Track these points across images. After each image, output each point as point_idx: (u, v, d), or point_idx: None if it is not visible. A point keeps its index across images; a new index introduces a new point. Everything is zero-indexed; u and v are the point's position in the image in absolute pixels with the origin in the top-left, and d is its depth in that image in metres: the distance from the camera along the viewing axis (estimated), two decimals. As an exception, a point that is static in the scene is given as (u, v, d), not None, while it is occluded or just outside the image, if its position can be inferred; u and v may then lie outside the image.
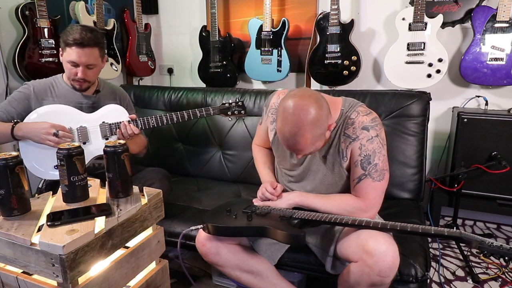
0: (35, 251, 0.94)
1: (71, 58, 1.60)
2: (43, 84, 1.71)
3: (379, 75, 2.52)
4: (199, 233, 1.41)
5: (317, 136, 1.20)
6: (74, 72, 1.63)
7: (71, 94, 1.71)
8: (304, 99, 1.18)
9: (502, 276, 1.84)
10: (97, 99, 1.76)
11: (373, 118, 1.30)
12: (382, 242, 1.13)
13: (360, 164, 1.28)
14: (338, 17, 2.30)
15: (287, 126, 1.19)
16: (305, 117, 1.16)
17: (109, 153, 1.15)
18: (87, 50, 1.59)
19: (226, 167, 2.21)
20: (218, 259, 1.39)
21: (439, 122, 2.44)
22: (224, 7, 2.82)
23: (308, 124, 1.16)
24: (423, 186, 1.84)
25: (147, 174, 1.78)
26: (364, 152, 1.27)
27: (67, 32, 1.59)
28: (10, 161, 1.01)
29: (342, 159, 1.34)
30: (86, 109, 1.72)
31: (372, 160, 1.27)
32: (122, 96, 1.90)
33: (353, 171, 1.31)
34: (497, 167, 2.02)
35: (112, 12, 2.74)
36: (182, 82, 3.10)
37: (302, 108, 1.17)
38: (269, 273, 1.43)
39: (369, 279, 1.14)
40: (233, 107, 1.82)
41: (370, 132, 1.27)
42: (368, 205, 1.28)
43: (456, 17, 2.22)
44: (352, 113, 1.31)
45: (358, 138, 1.28)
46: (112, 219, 1.05)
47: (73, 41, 1.57)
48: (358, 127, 1.28)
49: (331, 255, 1.30)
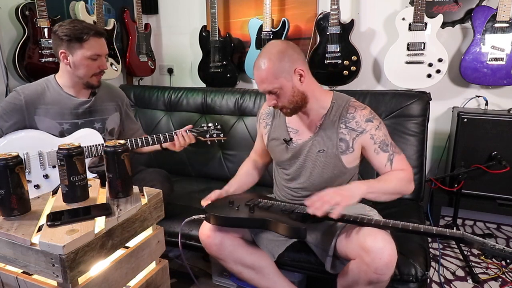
0: (35, 251, 0.94)
1: (94, 51, 1.52)
2: (34, 91, 1.58)
3: (379, 75, 2.52)
4: (203, 225, 1.42)
5: (280, 68, 1.29)
6: (95, 66, 1.55)
7: (65, 100, 1.61)
8: (276, 41, 1.40)
9: (502, 276, 1.84)
10: (93, 103, 1.67)
11: (370, 111, 1.40)
12: (380, 240, 1.14)
13: (381, 150, 1.35)
14: (338, 17, 2.30)
15: (257, 57, 1.33)
16: (272, 48, 1.33)
17: (109, 153, 1.15)
18: (103, 40, 1.57)
19: (226, 167, 2.21)
20: (221, 252, 1.40)
21: (439, 122, 2.44)
22: (224, 7, 2.82)
23: (273, 53, 1.30)
24: (423, 186, 1.84)
25: (147, 175, 1.76)
26: (378, 140, 1.35)
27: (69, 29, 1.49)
28: (10, 161, 1.01)
29: (347, 150, 1.37)
30: (82, 114, 1.65)
31: (387, 142, 1.36)
32: (120, 97, 1.83)
33: (378, 159, 1.35)
34: (497, 167, 2.02)
35: (112, 12, 2.74)
36: (182, 82, 3.10)
37: (272, 43, 1.38)
38: (270, 269, 1.43)
39: (367, 277, 1.15)
40: (211, 130, 1.79)
41: (374, 122, 1.36)
42: (411, 175, 1.35)
43: (456, 17, 2.22)
44: (349, 107, 1.38)
45: (365, 131, 1.35)
46: (112, 219, 1.05)
47: (92, 33, 1.50)
48: (361, 120, 1.36)
49: (330, 254, 1.31)
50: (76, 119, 1.64)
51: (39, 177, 1.55)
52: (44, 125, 1.59)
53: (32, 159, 1.55)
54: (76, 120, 1.64)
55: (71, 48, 1.52)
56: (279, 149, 1.48)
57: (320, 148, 1.39)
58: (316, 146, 1.40)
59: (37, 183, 1.54)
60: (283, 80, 1.30)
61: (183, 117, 2.34)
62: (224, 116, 2.24)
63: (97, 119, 1.70)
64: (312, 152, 1.41)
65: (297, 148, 1.44)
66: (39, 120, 1.59)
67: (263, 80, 1.30)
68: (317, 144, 1.40)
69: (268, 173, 1.74)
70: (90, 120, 1.69)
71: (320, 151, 1.39)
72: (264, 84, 1.31)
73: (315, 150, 1.40)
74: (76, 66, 1.54)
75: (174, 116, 2.37)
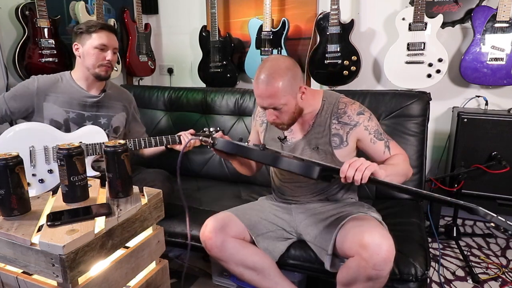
0: (35, 251, 0.94)
1: (101, 41, 1.61)
2: (48, 80, 1.69)
3: (379, 75, 2.52)
4: (205, 227, 1.41)
5: (289, 86, 1.28)
6: (102, 56, 1.63)
7: (75, 92, 1.69)
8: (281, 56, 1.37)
9: (502, 276, 1.84)
10: (102, 98, 1.74)
11: (359, 105, 1.44)
12: (377, 236, 1.15)
13: (376, 139, 1.39)
14: (338, 17, 2.30)
15: (262, 71, 1.29)
16: (281, 63, 1.30)
17: (109, 153, 1.15)
18: (113, 36, 1.66)
19: (226, 167, 2.21)
20: (222, 253, 1.40)
21: (439, 122, 2.44)
22: (224, 7, 2.82)
23: (283, 69, 1.28)
24: (423, 186, 1.84)
25: (148, 175, 1.77)
26: (372, 129, 1.40)
27: (84, 24, 1.63)
28: (10, 161, 1.01)
29: (341, 144, 1.40)
30: (89, 107, 1.71)
31: (380, 131, 1.41)
32: (128, 99, 1.90)
33: (375, 148, 1.40)
34: (497, 167, 2.02)
35: (112, 12, 2.74)
36: (182, 82, 3.10)
37: (278, 58, 1.35)
38: (271, 271, 1.43)
39: (366, 273, 1.16)
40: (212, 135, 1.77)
41: (365, 114, 1.41)
42: (407, 156, 1.42)
43: (456, 17, 2.22)
44: (339, 104, 1.43)
45: (359, 123, 1.39)
46: (112, 219, 1.05)
47: (100, 26, 1.61)
48: (353, 114, 1.40)
49: (329, 253, 1.31)
50: (83, 111, 1.71)
51: (44, 172, 1.57)
52: (50, 112, 1.66)
53: (38, 153, 1.57)
54: (82, 111, 1.71)
55: (82, 40, 1.63)
56: (275, 147, 1.49)
57: (314, 146, 1.43)
58: (309, 144, 1.43)
59: (41, 177, 1.57)
60: (290, 97, 1.31)
61: (183, 117, 2.34)
62: (224, 116, 2.24)
63: (103, 115, 1.76)
64: (306, 150, 1.44)
65: (291, 147, 1.47)
66: (47, 107, 1.66)
67: (271, 96, 1.28)
68: (310, 142, 1.43)
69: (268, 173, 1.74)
70: (96, 114, 1.74)
71: (314, 149, 1.43)
72: (269, 99, 1.29)
73: (309, 148, 1.43)
74: (85, 56, 1.64)
75: (174, 116, 2.37)
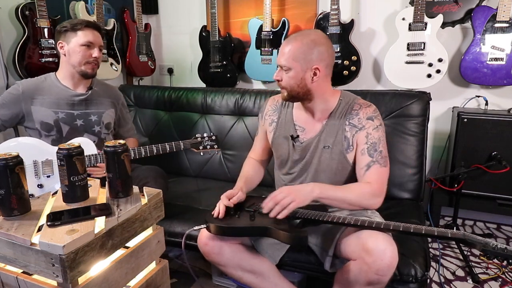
0: (35, 251, 0.94)
1: (86, 39, 1.61)
2: (33, 83, 1.68)
3: (379, 75, 2.52)
4: (201, 233, 1.41)
5: (302, 54, 1.31)
6: (88, 54, 1.63)
7: (61, 92, 1.69)
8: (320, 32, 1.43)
9: (502, 276, 1.84)
10: (89, 96, 1.74)
11: (374, 109, 1.40)
12: (381, 241, 1.13)
13: (367, 151, 1.34)
14: (338, 17, 2.30)
15: (296, 32, 1.38)
16: (312, 34, 1.34)
17: (109, 153, 1.15)
18: (98, 33, 1.66)
19: (226, 167, 2.21)
20: (220, 258, 1.39)
21: (439, 122, 2.44)
22: (224, 7, 2.82)
23: (308, 39, 1.32)
24: (423, 186, 1.84)
25: (141, 173, 1.74)
26: (371, 140, 1.34)
27: (69, 22, 1.62)
28: (10, 161, 1.01)
29: (348, 148, 1.38)
30: (78, 105, 1.71)
31: (377, 147, 1.34)
32: (116, 95, 1.90)
33: (360, 160, 1.36)
34: (497, 167, 2.02)
35: (112, 12, 2.73)
36: (182, 82, 3.10)
37: (316, 31, 1.43)
38: (270, 273, 1.43)
39: (367, 277, 1.15)
40: (205, 141, 1.80)
41: (375, 121, 1.37)
42: (380, 190, 1.31)
43: (456, 17, 2.22)
44: (354, 105, 1.40)
45: (364, 128, 1.36)
46: (112, 219, 1.04)
47: (85, 24, 1.62)
48: (363, 117, 1.37)
49: (330, 254, 1.31)
50: (72, 110, 1.70)
51: (33, 187, 1.53)
52: (40, 114, 1.65)
53: (28, 168, 1.51)
54: (71, 110, 1.70)
55: (67, 38, 1.63)
56: (285, 146, 1.49)
57: (326, 145, 1.41)
58: (321, 142, 1.41)
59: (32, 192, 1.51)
60: (298, 66, 1.32)
61: (183, 117, 2.34)
62: (224, 116, 2.24)
63: (93, 112, 1.75)
64: (318, 149, 1.42)
65: (303, 146, 1.45)
66: (35, 110, 1.65)
67: (283, 54, 1.33)
68: (322, 141, 1.41)
69: (268, 173, 1.74)
70: (86, 112, 1.74)
71: (325, 147, 1.41)
72: (282, 57, 1.34)
73: (321, 147, 1.41)
74: (70, 54, 1.63)
75: (174, 116, 2.37)
